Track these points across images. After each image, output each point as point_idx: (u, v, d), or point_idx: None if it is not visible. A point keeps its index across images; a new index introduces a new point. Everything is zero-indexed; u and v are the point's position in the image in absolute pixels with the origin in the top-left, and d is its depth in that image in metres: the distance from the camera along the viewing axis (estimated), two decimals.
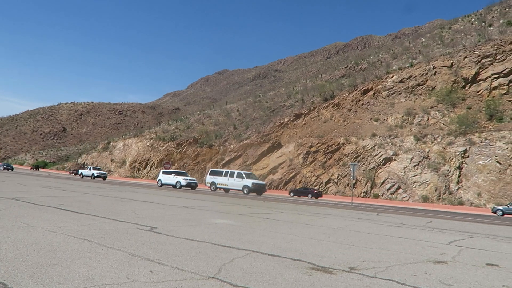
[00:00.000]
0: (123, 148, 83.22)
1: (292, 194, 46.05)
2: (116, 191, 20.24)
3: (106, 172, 59.01)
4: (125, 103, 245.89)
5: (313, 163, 53.09)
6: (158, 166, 70.22)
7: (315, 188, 48.09)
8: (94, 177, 52.32)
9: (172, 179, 35.11)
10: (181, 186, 34.02)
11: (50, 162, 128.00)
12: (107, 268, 4.02)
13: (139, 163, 75.08)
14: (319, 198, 43.94)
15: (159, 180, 36.91)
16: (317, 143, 54.54)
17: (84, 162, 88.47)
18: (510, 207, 34.23)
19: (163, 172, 37.40)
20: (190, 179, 35.09)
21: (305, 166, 53.35)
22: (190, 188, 33.69)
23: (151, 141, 79.34)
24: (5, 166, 73.68)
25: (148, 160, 74.31)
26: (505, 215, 33.11)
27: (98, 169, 56.78)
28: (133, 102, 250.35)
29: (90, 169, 55.76)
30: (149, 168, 72.93)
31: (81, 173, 57.18)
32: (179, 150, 70.76)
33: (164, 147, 74.36)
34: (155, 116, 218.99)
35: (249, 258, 5.05)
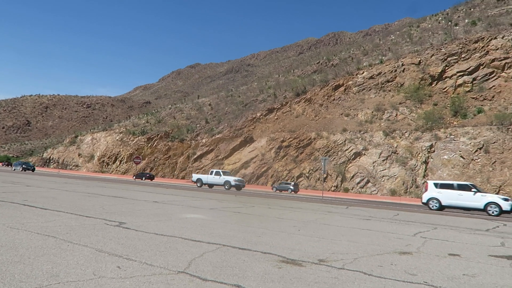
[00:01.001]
0: (91, 142, 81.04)
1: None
2: (84, 186, 19.73)
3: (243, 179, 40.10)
4: (94, 96, 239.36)
5: (285, 158, 53.52)
6: (128, 160, 68.89)
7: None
8: (231, 186, 33.96)
9: (473, 199, 20.22)
10: (500, 211, 19.30)
11: (13, 156, 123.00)
12: (72, 265, 3.91)
13: (108, 158, 73.38)
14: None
15: (432, 199, 21.54)
16: (289, 138, 54.97)
17: (49, 157, 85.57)
18: (281, 185, 45.19)
19: (439, 185, 21.75)
20: None
21: (277, 161, 53.71)
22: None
23: (121, 135, 77.64)
24: (24, 166, 54.61)
25: (117, 154, 72.73)
26: (278, 191, 43.56)
27: (225, 173, 36.40)
28: (102, 95, 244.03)
29: (218, 174, 35.26)
30: (118, 163, 71.40)
31: (198, 179, 36.77)
32: (149, 145, 69.63)
33: (134, 141, 72.95)
34: (125, 110, 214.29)
35: (219, 252, 5.04)
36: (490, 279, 4.53)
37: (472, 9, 73.65)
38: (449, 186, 21.60)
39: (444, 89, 54.05)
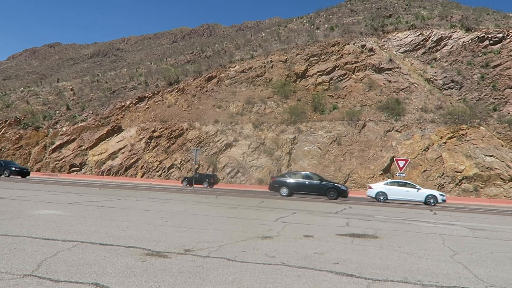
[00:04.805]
0: None
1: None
2: None
3: None
4: None
5: (156, 148, 52.07)
6: None
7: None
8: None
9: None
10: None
11: None
12: None
13: None
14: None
15: None
16: (161, 128, 53.62)
17: None
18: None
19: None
20: None
21: (148, 151, 51.93)
22: None
23: None
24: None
25: None
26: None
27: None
28: None
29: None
30: None
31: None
32: None
33: None
34: None
35: (76, 250, 4.66)
36: (336, 255, 5.17)
37: (331, 16, 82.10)
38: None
39: (306, 86, 59.27)
